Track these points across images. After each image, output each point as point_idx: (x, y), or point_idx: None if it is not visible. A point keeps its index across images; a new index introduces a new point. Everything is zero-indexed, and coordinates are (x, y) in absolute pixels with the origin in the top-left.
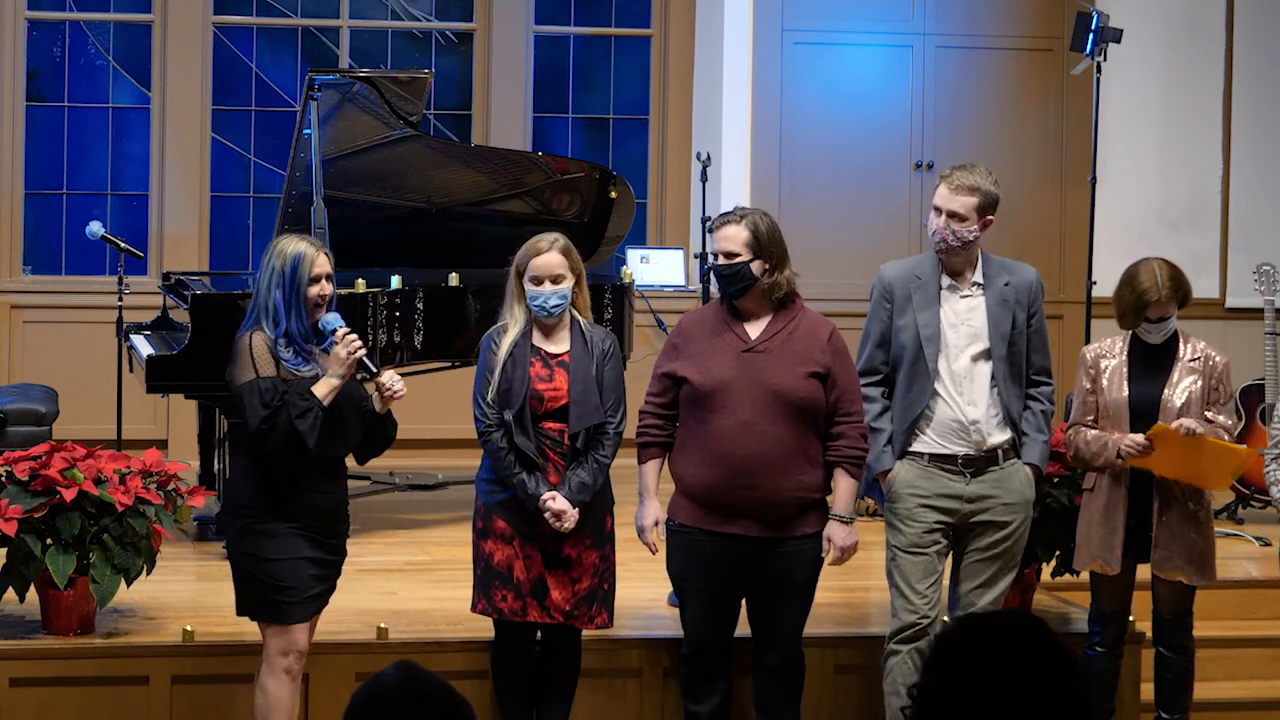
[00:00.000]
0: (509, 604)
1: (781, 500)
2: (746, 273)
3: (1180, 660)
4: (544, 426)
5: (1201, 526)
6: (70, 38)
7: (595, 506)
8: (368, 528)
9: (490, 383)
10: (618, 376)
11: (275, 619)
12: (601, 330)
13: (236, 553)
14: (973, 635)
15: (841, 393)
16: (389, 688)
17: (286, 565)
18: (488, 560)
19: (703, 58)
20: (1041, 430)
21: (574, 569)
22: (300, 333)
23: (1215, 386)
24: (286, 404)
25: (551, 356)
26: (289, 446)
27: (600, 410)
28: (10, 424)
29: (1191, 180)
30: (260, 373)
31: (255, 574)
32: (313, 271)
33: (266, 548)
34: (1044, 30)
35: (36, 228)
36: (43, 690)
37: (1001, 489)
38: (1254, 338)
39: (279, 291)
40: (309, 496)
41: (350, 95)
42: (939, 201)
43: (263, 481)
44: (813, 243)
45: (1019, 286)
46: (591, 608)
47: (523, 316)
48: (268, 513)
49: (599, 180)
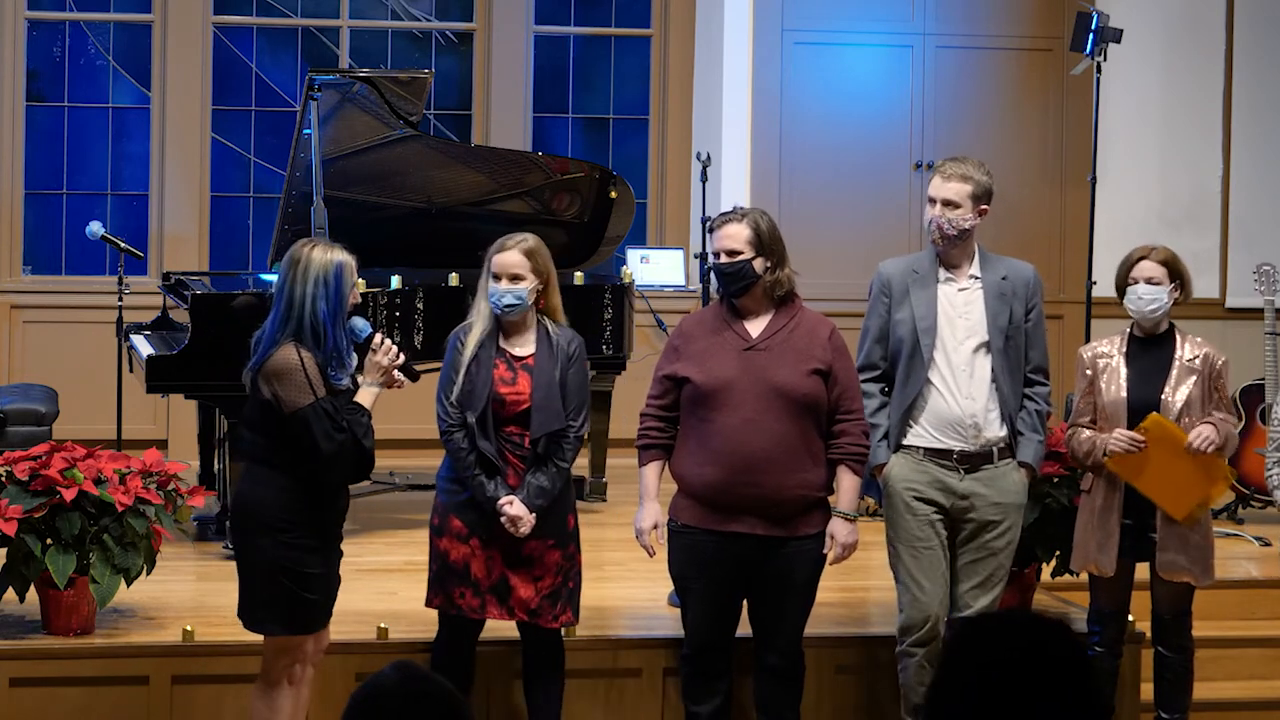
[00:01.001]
0: (468, 601)
1: (785, 498)
2: (749, 271)
3: (1180, 660)
4: (505, 430)
5: (1202, 526)
6: (70, 38)
7: (555, 507)
8: (368, 528)
9: (455, 382)
10: (582, 380)
11: (302, 630)
12: (569, 333)
13: (269, 567)
14: (988, 633)
15: (843, 390)
16: (388, 688)
17: (322, 580)
18: (444, 557)
19: (703, 58)
20: (1036, 430)
21: (536, 567)
22: (343, 346)
23: (1216, 386)
24: (350, 424)
25: (516, 359)
26: (357, 466)
27: (562, 416)
28: (10, 424)
29: (1191, 180)
30: (318, 394)
31: (294, 589)
32: (354, 279)
33: (309, 563)
34: (1044, 30)
35: (36, 228)
36: (43, 690)
37: (993, 488)
38: (1254, 338)
39: (324, 304)
40: (335, 507)
41: (350, 95)
42: (933, 192)
43: (301, 497)
44: (812, 242)
45: (1016, 281)
46: (556, 606)
47: (488, 313)
48: (305, 527)
49: (599, 180)
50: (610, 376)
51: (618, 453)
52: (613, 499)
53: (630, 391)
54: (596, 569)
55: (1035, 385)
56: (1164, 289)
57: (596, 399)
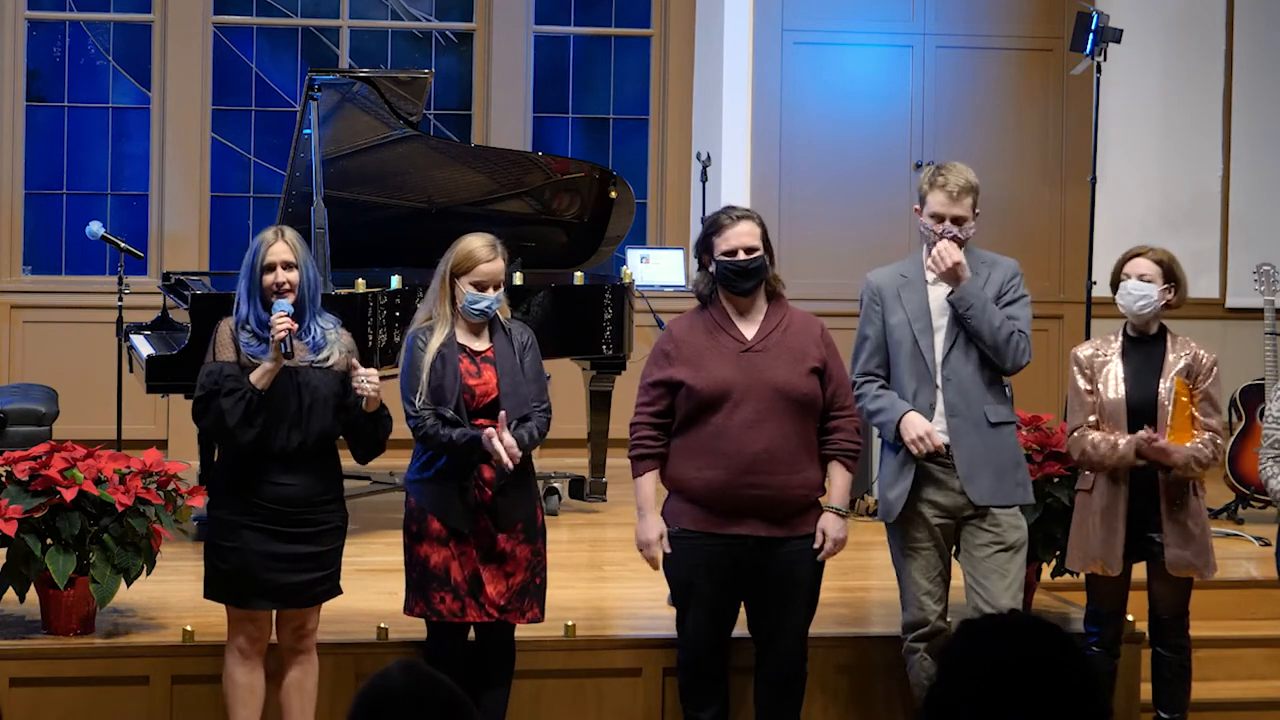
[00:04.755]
0: (448, 605)
1: (788, 497)
2: (765, 267)
3: (1178, 659)
4: (475, 423)
5: (1201, 518)
6: (70, 38)
7: (525, 499)
8: (368, 528)
9: (420, 382)
10: (538, 367)
11: (227, 601)
12: (519, 324)
13: (207, 534)
14: (987, 637)
15: (837, 387)
16: (395, 688)
17: (234, 553)
18: (424, 563)
19: (703, 58)
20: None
21: (508, 563)
22: (258, 320)
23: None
24: (218, 382)
25: (476, 353)
26: (216, 425)
27: (528, 401)
28: (10, 424)
29: (1191, 180)
30: (216, 357)
31: (212, 557)
32: (267, 259)
33: (218, 533)
34: (1044, 30)
35: (36, 228)
36: (43, 690)
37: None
38: (1254, 338)
39: (244, 281)
40: (265, 487)
41: (350, 95)
42: (940, 209)
43: (225, 470)
44: (812, 243)
45: (995, 274)
46: (524, 602)
47: (450, 316)
48: (223, 499)
49: (599, 180)
50: (610, 377)
51: (618, 453)
52: (612, 499)
53: (630, 391)
54: (596, 569)
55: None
56: (1155, 287)
57: (596, 399)
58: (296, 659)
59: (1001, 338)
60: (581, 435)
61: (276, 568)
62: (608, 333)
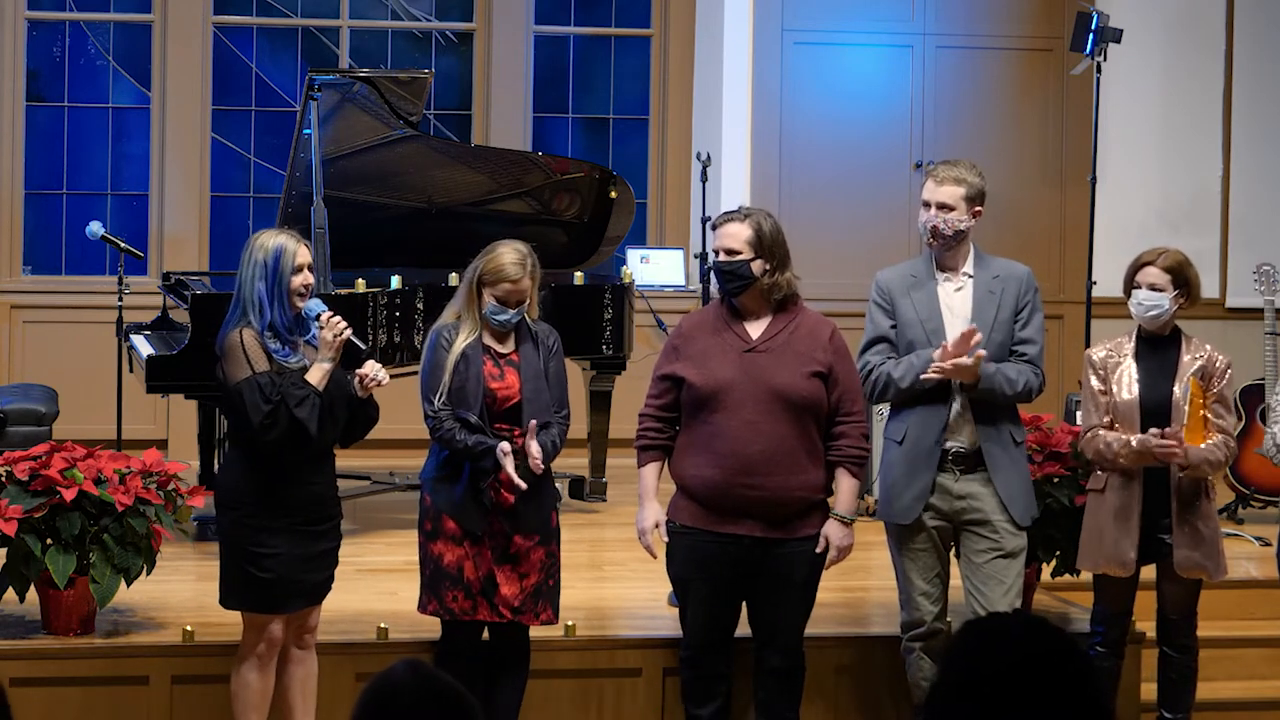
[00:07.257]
0: (459, 604)
1: (786, 499)
2: (746, 271)
3: (1185, 660)
4: (496, 427)
5: (1212, 521)
6: (70, 38)
7: (542, 501)
8: (368, 528)
9: (441, 382)
10: (562, 373)
11: (260, 610)
12: (545, 327)
13: (229, 545)
14: (990, 637)
15: (843, 392)
16: (400, 687)
17: (279, 560)
18: (437, 561)
19: (703, 58)
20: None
21: (522, 564)
22: (284, 324)
23: (1216, 385)
24: (284, 396)
25: (501, 355)
26: (293, 438)
27: (550, 408)
28: (10, 424)
29: (1191, 180)
30: (255, 368)
31: (247, 567)
32: (295, 262)
33: (262, 541)
34: (1044, 30)
35: (36, 228)
36: (43, 690)
37: (991, 486)
38: (1254, 338)
39: (262, 284)
40: (302, 489)
41: (350, 95)
42: (926, 196)
43: (257, 475)
44: (812, 242)
45: (1008, 280)
46: (538, 604)
47: (477, 319)
48: (262, 507)
49: (599, 180)
50: (610, 377)
51: (618, 453)
52: (613, 499)
53: (630, 391)
54: (596, 569)
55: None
56: (1166, 295)
57: (596, 399)
58: (299, 658)
59: (1020, 389)
60: (581, 435)
61: (309, 567)
62: (608, 333)
